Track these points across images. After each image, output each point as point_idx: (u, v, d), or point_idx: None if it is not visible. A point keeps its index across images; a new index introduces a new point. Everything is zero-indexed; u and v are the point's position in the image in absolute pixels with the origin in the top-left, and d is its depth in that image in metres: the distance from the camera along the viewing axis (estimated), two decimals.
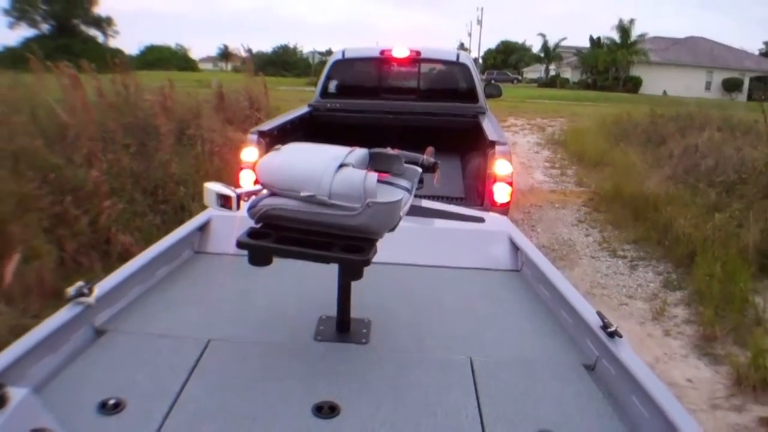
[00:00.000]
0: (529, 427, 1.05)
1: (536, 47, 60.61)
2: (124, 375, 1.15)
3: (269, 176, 1.20)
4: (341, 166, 1.17)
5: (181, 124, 5.58)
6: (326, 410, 1.05)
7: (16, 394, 0.73)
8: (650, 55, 42.15)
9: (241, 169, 3.88)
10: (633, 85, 41.60)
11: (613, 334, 1.26)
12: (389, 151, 1.42)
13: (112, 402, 1.03)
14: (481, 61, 58.77)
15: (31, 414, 0.76)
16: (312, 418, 1.03)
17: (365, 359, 1.27)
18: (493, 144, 3.73)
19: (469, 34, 52.36)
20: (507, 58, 65.49)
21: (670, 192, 5.99)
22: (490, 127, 4.34)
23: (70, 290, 1.26)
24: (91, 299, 1.28)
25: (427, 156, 1.56)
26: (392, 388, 1.15)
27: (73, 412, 1.00)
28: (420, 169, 1.45)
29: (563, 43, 53.41)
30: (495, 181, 3.65)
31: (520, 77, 56.29)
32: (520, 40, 69.55)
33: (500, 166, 3.65)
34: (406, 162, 1.42)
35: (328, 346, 1.31)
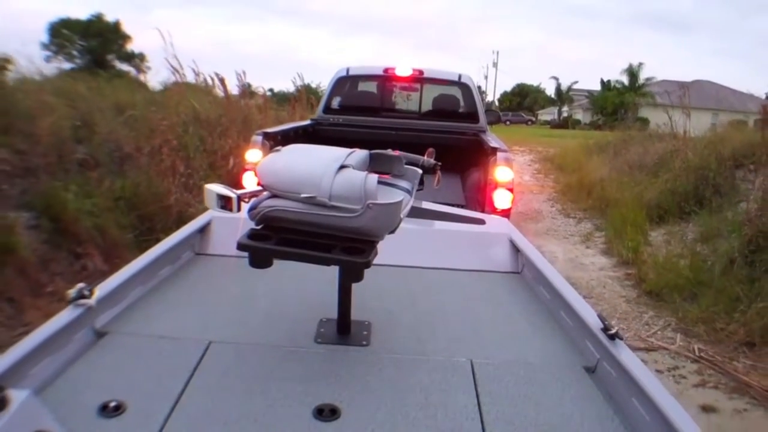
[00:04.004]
0: (530, 429, 1.04)
1: (550, 90, 62.11)
2: (124, 377, 1.14)
3: (270, 177, 1.19)
4: (342, 167, 1.17)
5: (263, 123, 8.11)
6: (327, 413, 1.05)
7: (17, 396, 0.72)
8: (657, 98, 44.04)
9: (245, 170, 3.82)
10: (640, 126, 43.29)
11: (613, 337, 1.23)
12: (390, 152, 1.43)
13: (113, 404, 1.02)
14: (497, 103, 60.81)
15: (32, 416, 0.75)
16: (313, 421, 1.03)
17: (366, 362, 1.25)
18: (495, 150, 3.74)
19: (485, 77, 54.73)
20: (522, 101, 65.59)
21: (613, 177, 8.32)
22: (491, 139, 4.41)
23: (71, 292, 1.25)
24: (91, 301, 1.26)
25: (428, 157, 1.57)
26: (393, 391, 1.14)
27: (74, 415, 0.99)
28: (420, 171, 1.45)
29: (576, 86, 54.96)
30: (496, 187, 3.61)
31: (534, 119, 57.10)
32: (535, 83, 70.11)
33: (501, 173, 3.63)
34: (406, 163, 1.43)
35: (329, 348, 1.30)
